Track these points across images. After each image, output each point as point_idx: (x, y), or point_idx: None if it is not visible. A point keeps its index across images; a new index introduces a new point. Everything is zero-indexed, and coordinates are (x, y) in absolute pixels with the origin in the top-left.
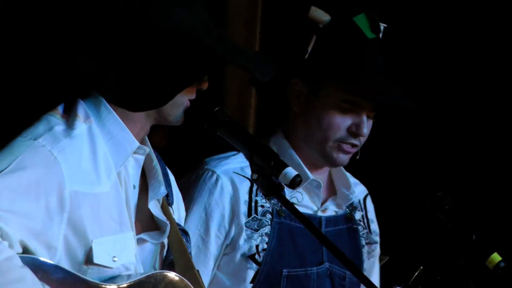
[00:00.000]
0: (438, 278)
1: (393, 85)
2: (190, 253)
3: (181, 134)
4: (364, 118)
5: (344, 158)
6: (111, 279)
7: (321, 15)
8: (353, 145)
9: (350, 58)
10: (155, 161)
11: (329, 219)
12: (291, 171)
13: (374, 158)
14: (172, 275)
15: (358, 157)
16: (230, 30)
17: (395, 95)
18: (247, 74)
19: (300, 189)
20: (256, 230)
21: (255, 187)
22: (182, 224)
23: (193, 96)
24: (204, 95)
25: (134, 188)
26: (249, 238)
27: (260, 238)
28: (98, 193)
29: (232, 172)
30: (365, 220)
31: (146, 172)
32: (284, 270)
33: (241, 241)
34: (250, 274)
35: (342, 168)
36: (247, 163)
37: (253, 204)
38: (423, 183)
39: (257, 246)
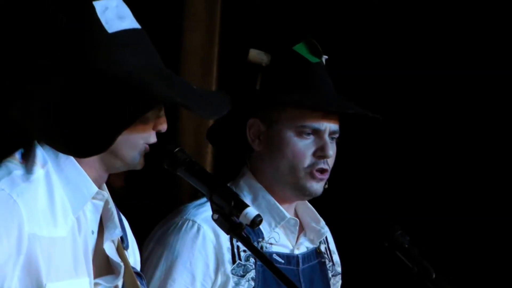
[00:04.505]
0: None
1: (348, 101)
2: None
3: (138, 174)
4: (327, 139)
5: (318, 186)
6: None
7: (261, 55)
8: (323, 171)
9: (297, 82)
10: (111, 204)
11: (304, 256)
12: (251, 211)
13: (334, 192)
14: None
15: (326, 186)
16: (186, 69)
17: (349, 106)
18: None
19: (277, 229)
20: (243, 276)
21: None
22: (138, 268)
23: (150, 139)
24: (160, 134)
25: (92, 233)
26: (236, 285)
27: (247, 283)
28: (55, 237)
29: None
30: (328, 252)
31: (102, 215)
32: None
33: None
34: None
35: (307, 202)
36: None
37: (235, 250)
38: (381, 222)
39: None
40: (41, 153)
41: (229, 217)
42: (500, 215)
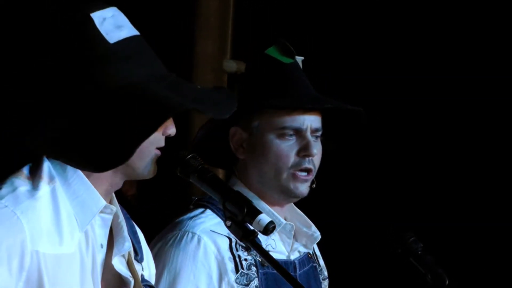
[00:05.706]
0: None
1: (326, 97)
2: None
3: (150, 182)
4: (309, 137)
5: (303, 188)
6: None
7: (236, 64)
8: (308, 171)
9: (273, 85)
10: (121, 218)
11: (300, 261)
12: (264, 218)
13: (333, 197)
14: None
15: (314, 185)
16: (197, 77)
17: (326, 101)
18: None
19: (273, 235)
20: (247, 285)
21: (233, 243)
22: (153, 282)
23: (161, 144)
24: (172, 142)
25: (101, 247)
26: None
27: None
28: (60, 254)
29: (210, 230)
30: (315, 257)
31: (112, 229)
32: None
33: None
34: None
35: (295, 207)
36: (219, 219)
37: (237, 259)
38: (394, 228)
39: None
40: (48, 168)
41: (242, 224)
42: (501, 221)
